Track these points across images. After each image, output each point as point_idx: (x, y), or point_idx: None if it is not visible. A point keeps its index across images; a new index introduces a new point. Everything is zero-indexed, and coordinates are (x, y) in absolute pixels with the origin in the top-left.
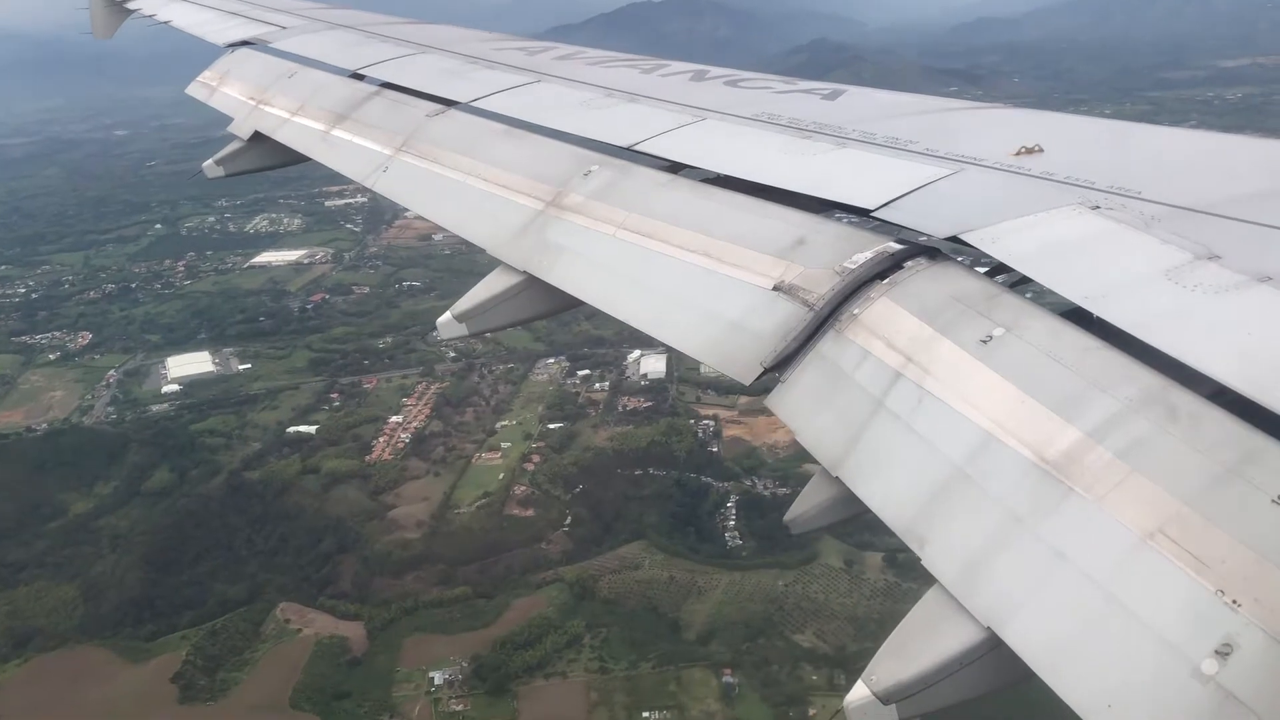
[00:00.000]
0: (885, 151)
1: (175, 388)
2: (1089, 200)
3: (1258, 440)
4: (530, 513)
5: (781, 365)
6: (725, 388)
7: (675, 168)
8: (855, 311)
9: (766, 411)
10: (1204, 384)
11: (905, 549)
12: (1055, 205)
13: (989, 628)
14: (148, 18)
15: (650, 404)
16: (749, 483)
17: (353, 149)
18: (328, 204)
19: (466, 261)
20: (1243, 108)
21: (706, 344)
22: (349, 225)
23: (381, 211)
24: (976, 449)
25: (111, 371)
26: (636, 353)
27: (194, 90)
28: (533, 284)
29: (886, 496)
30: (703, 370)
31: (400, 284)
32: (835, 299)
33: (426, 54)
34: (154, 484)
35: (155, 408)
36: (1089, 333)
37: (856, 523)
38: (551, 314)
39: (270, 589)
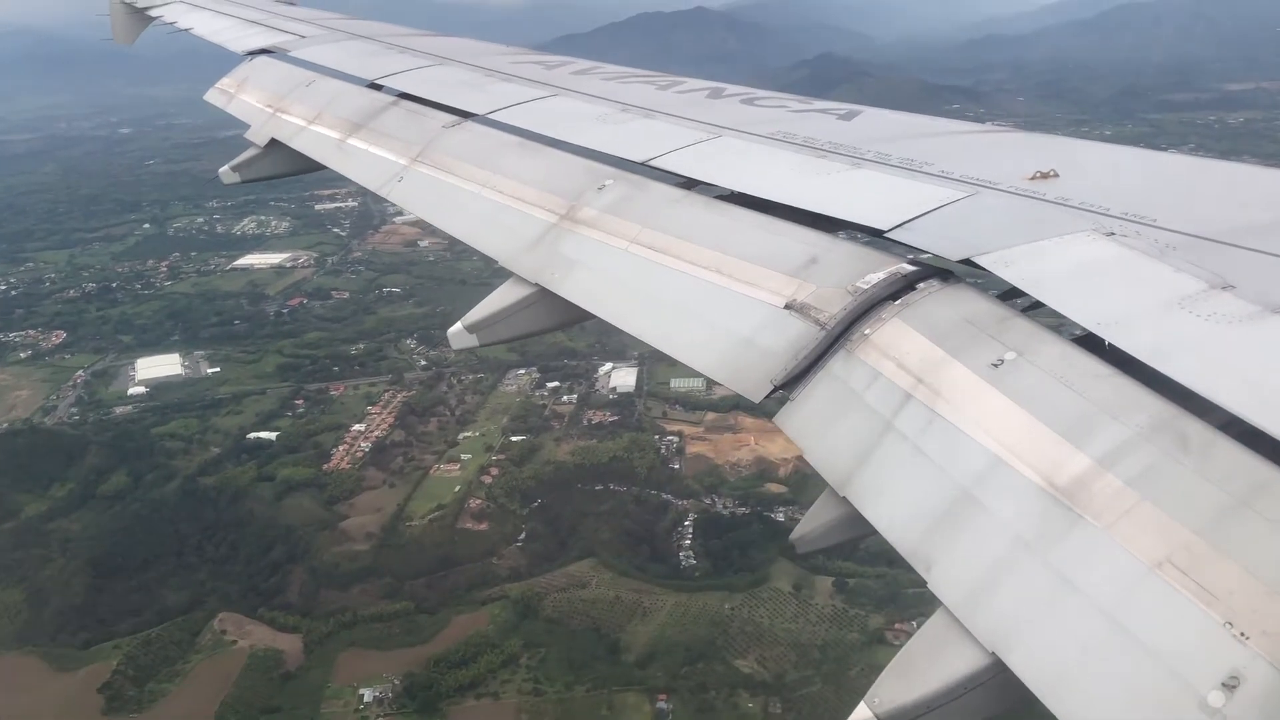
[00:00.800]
0: (900, 173)
1: (141, 390)
2: (1103, 226)
3: (1269, 471)
4: (484, 527)
5: (791, 383)
6: (692, 404)
7: (690, 184)
8: (866, 332)
9: (732, 429)
10: (1215, 413)
11: (855, 574)
12: (1070, 231)
13: (994, 653)
14: (169, 25)
15: (616, 418)
16: (708, 501)
17: (368, 158)
18: (318, 207)
19: (449, 269)
20: (1244, 132)
21: (717, 361)
22: (335, 229)
23: (370, 216)
24: (985, 473)
25: (80, 372)
26: (608, 365)
27: (212, 96)
28: (544, 296)
29: (893, 518)
30: (672, 385)
31: (380, 290)
32: (847, 319)
33: (444, 66)
34: (110, 487)
35: (119, 409)
36: (1101, 359)
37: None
38: (562, 327)
39: (214, 598)
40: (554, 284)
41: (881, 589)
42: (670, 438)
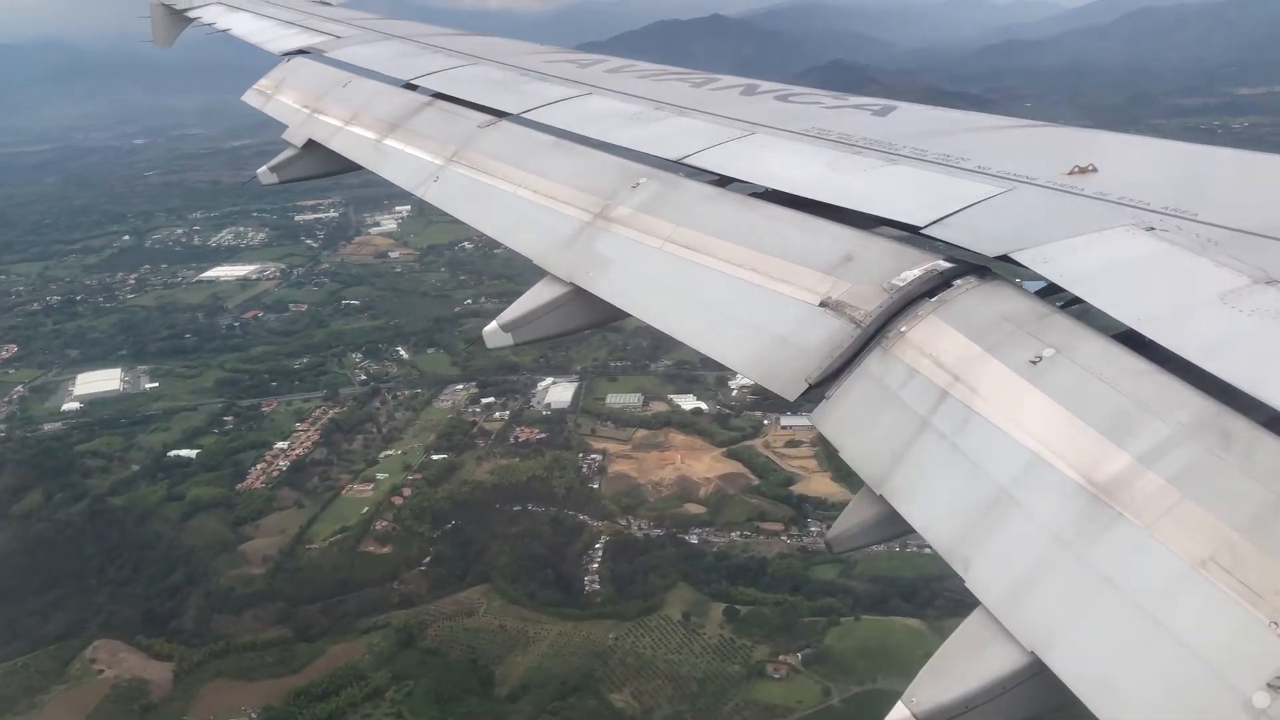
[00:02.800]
0: (936, 168)
1: (76, 405)
2: (1143, 221)
3: None
4: (387, 550)
5: (827, 382)
6: (625, 420)
7: (724, 181)
8: (903, 329)
9: (660, 447)
10: (1259, 410)
11: (755, 601)
12: (1108, 226)
13: (1033, 652)
14: (208, 26)
15: (544, 435)
16: (623, 523)
17: (404, 158)
18: (297, 218)
19: (414, 281)
20: (1247, 137)
21: (751, 359)
22: (309, 241)
23: (345, 227)
24: (1024, 471)
25: (19, 387)
26: (548, 380)
27: (250, 98)
28: (579, 295)
29: (930, 516)
30: (608, 401)
31: (340, 303)
32: (883, 316)
33: (478, 65)
34: (26, 506)
35: (48, 426)
36: (1141, 356)
37: (715, 570)
38: (596, 325)
39: (98, 623)
40: (588, 283)
41: (776, 617)
42: (594, 456)
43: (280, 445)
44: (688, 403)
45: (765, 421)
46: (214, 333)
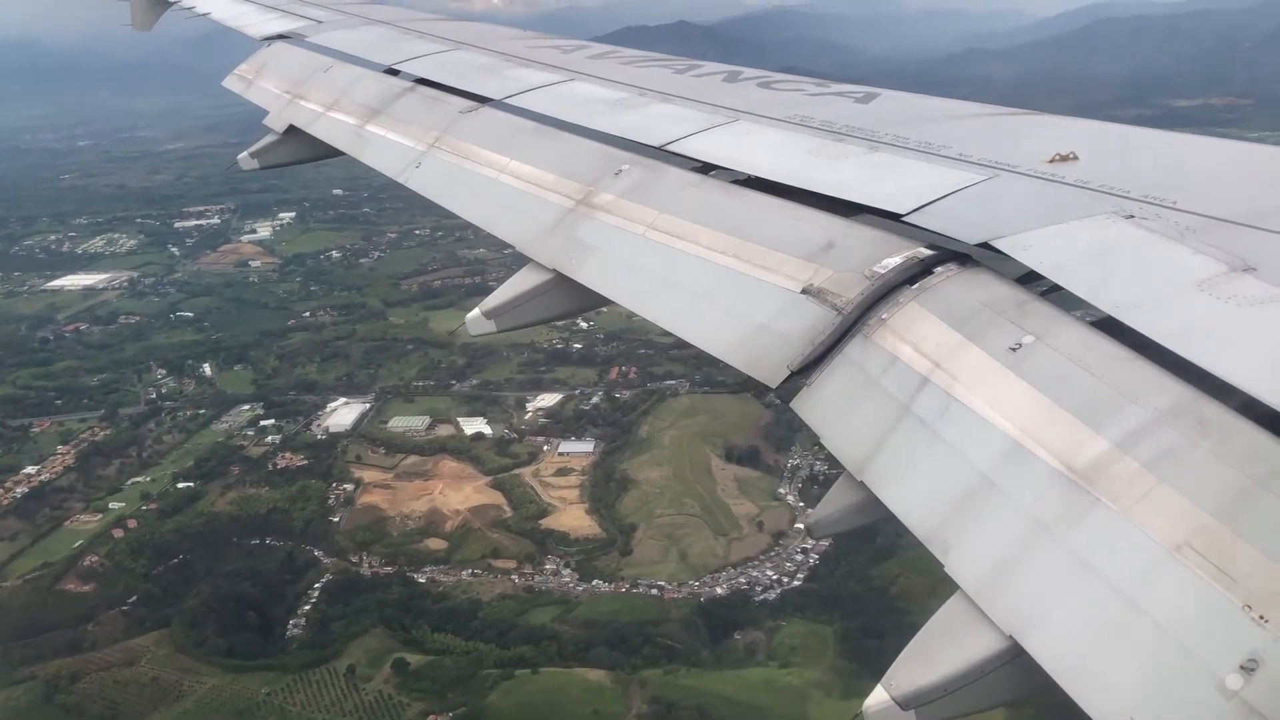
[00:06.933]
0: (918, 156)
1: None
2: (1123, 209)
3: None
4: (89, 588)
5: (808, 368)
6: (399, 446)
7: (706, 168)
8: (884, 316)
9: (424, 475)
10: (1235, 396)
11: (445, 650)
12: (1089, 214)
13: (1011, 636)
14: (187, 9)
15: (307, 462)
16: (355, 560)
17: (386, 144)
18: (178, 224)
19: (262, 291)
20: None
21: (733, 345)
22: (174, 249)
23: (218, 235)
24: (1003, 457)
25: None
26: (340, 401)
27: (230, 83)
28: (561, 282)
29: (911, 502)
30: (390, 425)
31: (173, 314)
32: (864, 303)
33: (461, 50)
34: None
35: None
36: (1119, 343)
37: (425, 614)
38: (579, 312)
39: None
40: (571, 269)
41: (456, 670)
42: (347, 486)
43: (29, 470)
44: (473, 426)
45: (545, 447)
46: (21, 346)
